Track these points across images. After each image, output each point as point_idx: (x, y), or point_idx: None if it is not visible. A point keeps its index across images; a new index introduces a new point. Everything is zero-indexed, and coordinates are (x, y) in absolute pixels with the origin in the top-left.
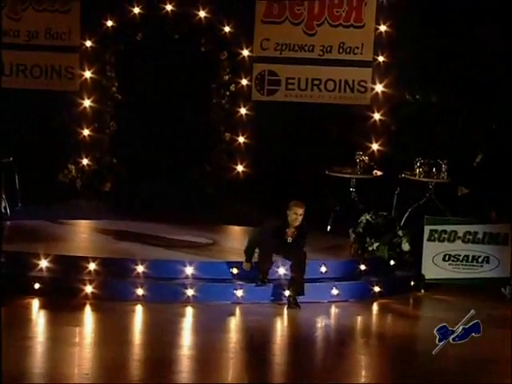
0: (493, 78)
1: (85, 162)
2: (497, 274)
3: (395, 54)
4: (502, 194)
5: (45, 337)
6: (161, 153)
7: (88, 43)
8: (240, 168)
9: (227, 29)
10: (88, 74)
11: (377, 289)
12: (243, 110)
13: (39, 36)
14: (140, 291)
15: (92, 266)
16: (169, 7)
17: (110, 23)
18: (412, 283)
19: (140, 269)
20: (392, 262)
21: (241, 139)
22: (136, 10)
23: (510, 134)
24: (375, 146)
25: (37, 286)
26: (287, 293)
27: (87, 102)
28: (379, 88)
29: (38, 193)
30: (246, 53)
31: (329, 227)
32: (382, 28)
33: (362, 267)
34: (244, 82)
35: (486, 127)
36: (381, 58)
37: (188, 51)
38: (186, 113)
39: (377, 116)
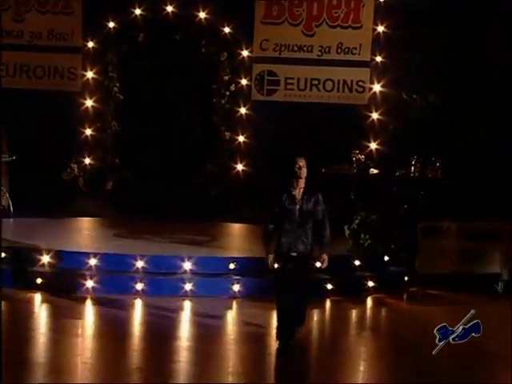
0: (492, 78)
1: (87, 161)
2: (489, 269)
3: (393, 54)
4: (498, 190)
5: (47, 329)
6: (161, 152)
7: (90, 44)
8: (240, 167)
9: (227, 30)
10: (90, 75)
11: (371, 284)
12: (243, 110)
13: (42, 37)
14: (139, 286)
15: (93, 262)
16: (170, 9)
17: (111, 24)
18: (406, 278)
19: (139, 264)
20: (386, 258)
21: (241, 138)
22: (137, 12)
23: (507, 133)
24: (373, 145)
25: (39, 280)
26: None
27: (89, 102)
28: (377, 88)
29: (41, 191)
30: (245, 53)
31: None
32: (380, 29)
33: (357, 263)
34: (244, 82)
35: (484, 126)
36: (378, 59)
37: (189, 52)
38: (186, 112)
39: (374, 115)
